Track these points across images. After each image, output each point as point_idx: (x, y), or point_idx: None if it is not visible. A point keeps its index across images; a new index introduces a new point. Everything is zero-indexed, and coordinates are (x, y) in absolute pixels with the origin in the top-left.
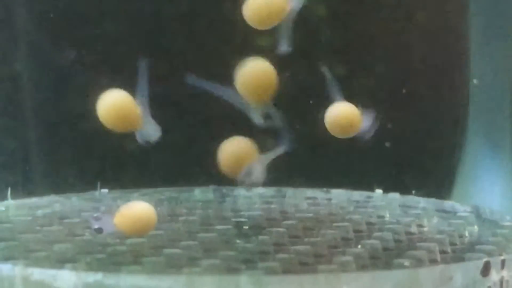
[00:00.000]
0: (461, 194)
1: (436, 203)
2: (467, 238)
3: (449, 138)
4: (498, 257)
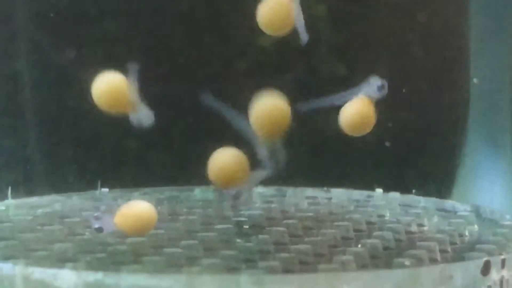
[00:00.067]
0: (461, 193)
1: (436, 203)
2: (467, 237)
3: (449, 137)
4: (498, 256)
